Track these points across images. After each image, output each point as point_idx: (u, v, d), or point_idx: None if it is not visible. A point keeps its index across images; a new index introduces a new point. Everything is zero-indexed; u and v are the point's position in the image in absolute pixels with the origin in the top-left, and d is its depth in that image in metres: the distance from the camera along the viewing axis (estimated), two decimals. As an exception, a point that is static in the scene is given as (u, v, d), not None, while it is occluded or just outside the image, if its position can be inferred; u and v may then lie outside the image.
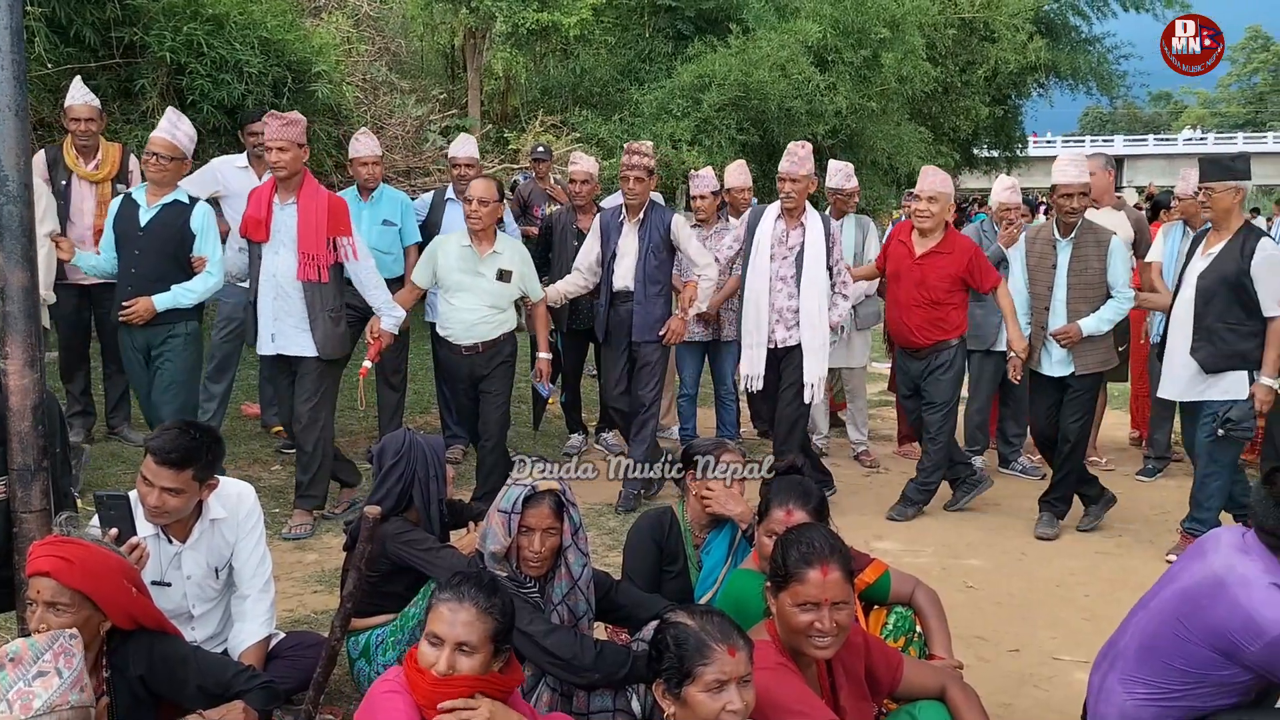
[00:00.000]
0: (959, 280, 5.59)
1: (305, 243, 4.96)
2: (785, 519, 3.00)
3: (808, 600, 2.42)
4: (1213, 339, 4.89)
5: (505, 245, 5.43)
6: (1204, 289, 4.91)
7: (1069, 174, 5.35)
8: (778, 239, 5.63)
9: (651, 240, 5.65)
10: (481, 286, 5.35)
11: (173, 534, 3.19)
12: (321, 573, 4.65)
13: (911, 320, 5.64)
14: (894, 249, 5.78)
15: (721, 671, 2.19)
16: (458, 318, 5.37)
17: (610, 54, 15.02)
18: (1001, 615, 4.46)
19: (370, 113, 10.89)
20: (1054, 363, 5.41)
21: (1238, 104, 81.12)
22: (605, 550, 4.95)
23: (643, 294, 5.67)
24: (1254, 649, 2.59)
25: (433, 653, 2.34)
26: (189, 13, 8.09)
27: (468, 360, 5.41)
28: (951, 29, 19.21)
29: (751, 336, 5.67)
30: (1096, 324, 5.30)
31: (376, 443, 3.78)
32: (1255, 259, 4.79)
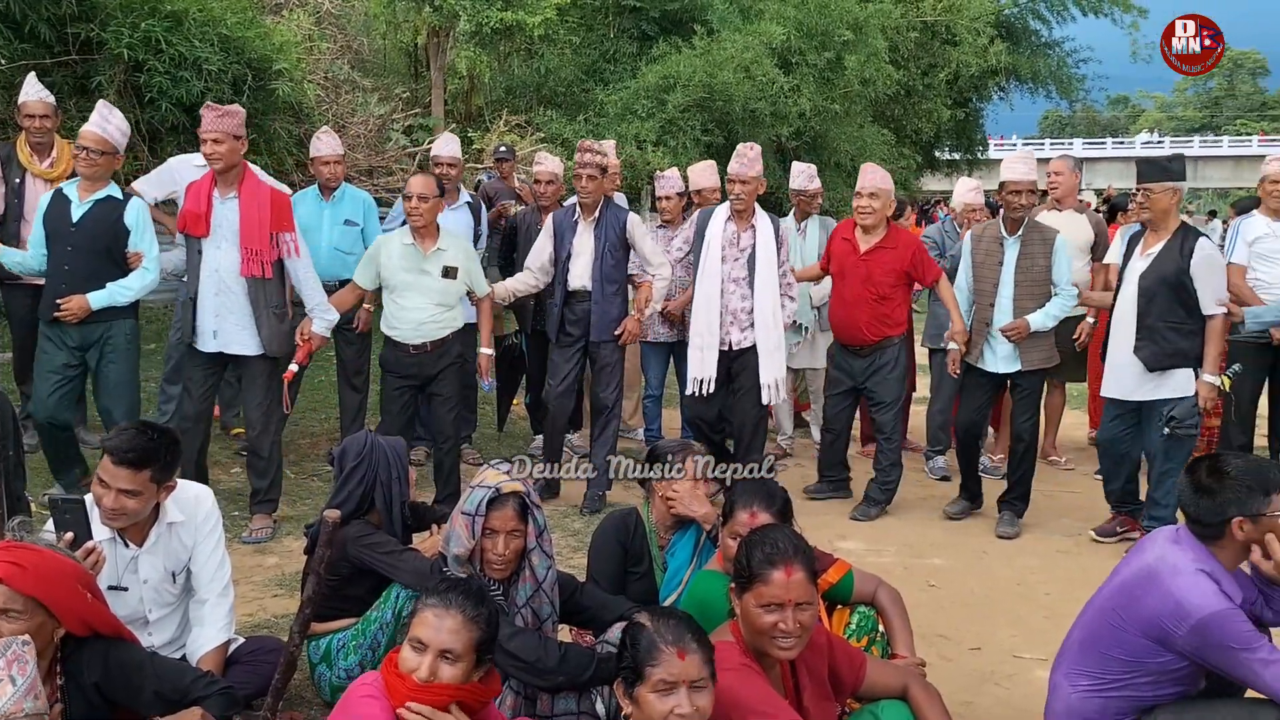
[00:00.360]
0: (903, 275, 5.66)
1: (248, 238, 4.85)
2: (749, 520, 3.00)
3: (771, 601, 2.43)
4: (1155, 338, 4.98)
5: (449, 241, 5.37)
6: (1145, 289, 5.00)
7: (1018, 171, 5.44)
8: (729, 241, 5.64)
9: (608, 239, 5.62)
10: (427, 284, 5.28)
11: (129, 538, 3.14)
12: (282, 576, 4.60)
13: (859, 316, 5.67)
14: (838, 247, 5.83)
15: (669, 673, 2.18)
16: (406, 317, 5.29)
17: (575, 54, 14.99)
18: (963, 614, 4.49)
19: (332, 111, 10.80)
20: (999, 359, 5.48)
21: (1194, 108, 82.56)
22: (570, 552, 4.94)
23: (600, 293, 5.63)
24: (1182, 634, 2.67)
25: (415, 658, 2.31)
26: (147, 9, 7.98)
27: (416, 360, 5.33)
28: (914, 32, 19.39)
29: (703, 338, 5.66)
30: (1043, 319, 5.38)
31: (338, 445, 3.74)
32: (1194, 259, 4.89)
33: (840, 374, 5.89)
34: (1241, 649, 2.61)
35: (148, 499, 3.05)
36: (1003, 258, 5.46)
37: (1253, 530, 2.72)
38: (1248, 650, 2.61)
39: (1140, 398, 5.10)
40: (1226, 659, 2.64)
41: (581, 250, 5.66)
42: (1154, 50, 24.15)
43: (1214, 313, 4.92)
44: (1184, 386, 4.97)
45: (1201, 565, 2.73)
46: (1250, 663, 2.60)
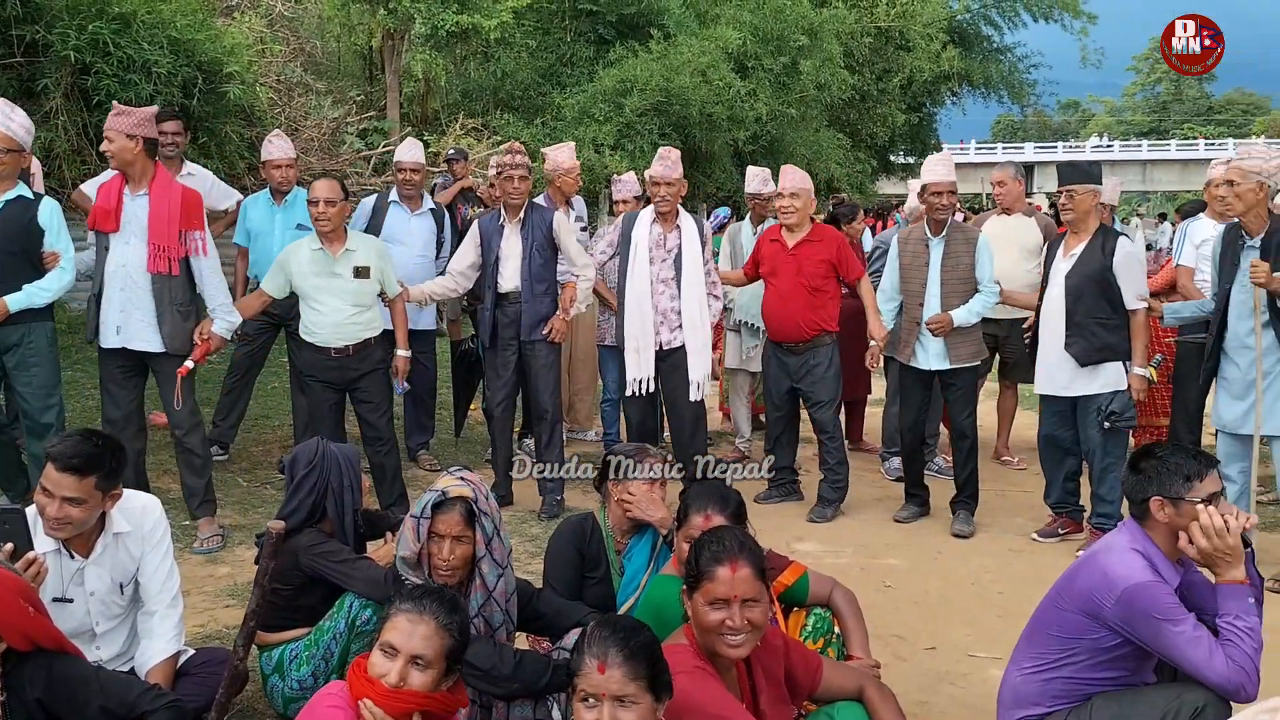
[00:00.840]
0: (832, 266, 5.77)
1: (156, 234, 4.80)
2: (704, 524, 3.00)
3: (717, 598, 2.44)
4: (1084, 334, 5.14)
5: (359, 242, 5.33)
6: (1072, 287, 5.16)
7: (938, 173, 5.57)
8: (655, 242, 5.75)
9: (535, 240, 5.63)
10: (340, 286, 5.23)
11: (75, 549, 3.08)
12: (233, 586, 4.54)
13: (795, 309, 5.74)
14: (767, 249, 5.91)
15: (590, 685, 2.15)
16: (323, 320, 5.24)
17: (531, 57, 14.97)
18: (918, 614, 4.53)
19: (285, 114, 10.71)
20: (930, 357, 5.59)
21: (1142, 112, 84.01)
22: (528, 558, 4.91)
23: (529, 293, 5.64)
24: (1110, 605, 2.73)
25: (385, 663, 2.29)
26: (94, 11, 7.86)
27: (338, 364, 5.27)
28: (868, 37, 19.59)
29: (637, 340, 5.75)
30: (966, 315, 5.50)
31: (289, 453, 3.69)
32: (1116, 257, 5.07)
33: (778, 372, 5.95)
34: (1164, 619, 2.67)
35: (93, 507, 2.99)
36: (928, 258, 5.58)
37: (1174, 513, 2.80)
38: (1170, 621, 2.67)
39: (1073, 393, 5.24)
40: (1151, 631, 2.69)
41: (510, 253, 5.66)
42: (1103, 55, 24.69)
43: (1137, 307, 5.12)
44: (1114, 380, 5.14)
45: (1136, 545, 2.83)
46: (1174, 635, 2.66)
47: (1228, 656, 2.61)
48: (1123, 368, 5.14)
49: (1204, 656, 2.63)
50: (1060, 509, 5.52)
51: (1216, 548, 2.70)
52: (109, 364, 4.97)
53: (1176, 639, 2.66)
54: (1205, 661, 2.62)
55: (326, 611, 3.30)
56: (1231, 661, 2.61)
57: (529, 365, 5.73)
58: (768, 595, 2.53)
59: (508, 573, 3.05)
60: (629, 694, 2.14)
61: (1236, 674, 2.60)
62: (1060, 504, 5.51)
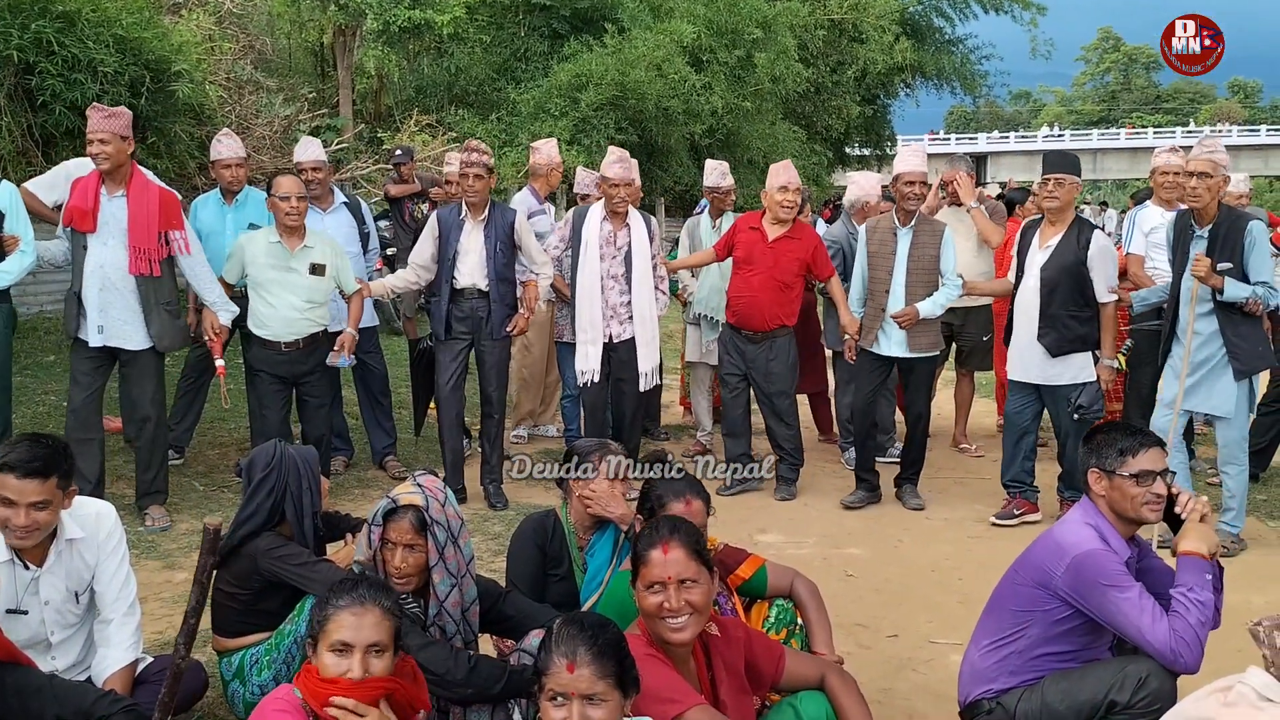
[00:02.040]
0: (805, 265, 5.89)
1: (136, 236, 4.88)
2: (686, 509, 3.04)
3: (654, 581, 2.45)
4: (1057, 325, 5.25)
5: (316, 239, 5.40)
6: (1047, 279, 5.27)
7: (910, 164, 5.69)
8: (606, 239, 5.89)
9: (498, 238, 5.69)
10: (294, 281, 5.30)
11: (28, 558, 3.02)
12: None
13: (763, 301, 5.84)
14: (745, 236, 5.96)
15: (558, 685, 2.14)
16: (274, 314, 5.31)
17: (485, 53, 14.90)
18: (880, 602, 4.57)
19: (235, 113, 10.57)
20: (891, 344, 5.71)
21: (1092, 102, 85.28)
22: (491, 556, 4.89)
23: (497, 292, 5.71)
24: (1060, 573, 2.80)
25: (342, 661, 2.28)
26: (37, 10, 7.71)
27: (287, 358, 5.35)
28: (821, 30, 19.70)
29: (587, 334, 5.91)
30: (931, 307, 5.62)
31: (246, 455, 3.64)
32: (1091, 249, 5.19)
33: (733, 359, 6.03)
34: (1110, 585, 2.73)
35: (56, 508, 2.95)
36: (896, 248, 5.67)
37: (1108, 486, 2.87)
38: (1117, 589, 2.72)
39: (1042, 381, 5.36)
40: (1098, 598, 2.74)
41: (469, 249, 5.70)
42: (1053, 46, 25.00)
43: (1108, 300, 5.23)
44: (1082, 369, 5.25)
45: (1089, 519, 2.90)
46: (1119, 601, 2.71)
47: (1171, 626, 2.66)
48: (1091, 358, 5.24)
49: (1148, 623, 2.67)
50: (1014, 488, 5.61)
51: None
52: (82, 356, 5.05)
53: (1121, 605, 2.71)
54: (1149, 627, 2.67)
55: (287, 615, 3.27)
56: (1174, 631, 2.65)
57: (483, 361, 5.79)
58: (709, 577, 2.53)
59: (464, 582, 3.00)
60: (598, 692, 2.14)
61: (1176, 643, 2.64)
62: (1015, 482, 5.61)
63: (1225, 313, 4.91)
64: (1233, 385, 4.95)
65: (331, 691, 2.26)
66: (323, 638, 2.32)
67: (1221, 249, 4.87)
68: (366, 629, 2.30)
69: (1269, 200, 36.67)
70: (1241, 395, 4.99)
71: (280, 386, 5.41)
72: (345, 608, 2.32)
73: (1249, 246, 4.86)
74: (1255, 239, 4.86)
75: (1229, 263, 4.85)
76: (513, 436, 7.15)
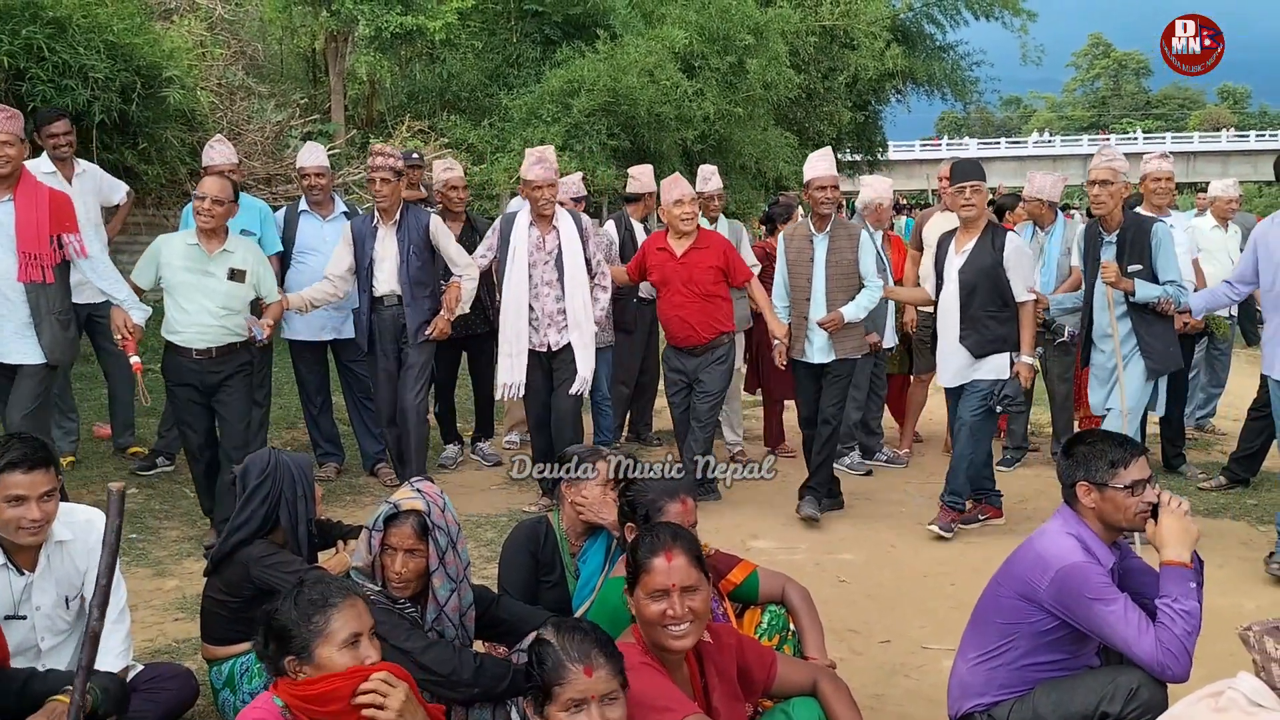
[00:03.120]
0: (721, 272, 5.82)
1: (25, 242, 4.60)
2: (682, 510, 3.05)
3: (656, 589, 2.44)
4: (978, 327, 5.33)
5: (237, 244, 5.15)
6: (966, 282, 5.34)
7: (819, 168, 5.69)
8: (534, 244, 5.69)
9: (412, 242, 5.58)
10: (211, 286, 5.02)
11: (21, 563, 3.02)
12: (182, 599, 4.46)
13: (691, 317, 5.78)
14: (655, 259, 5.90)
15: (577, 691, 2.16)
16: (188, 320, 5.00)
17: (478, 58, 14.91)
18: (872, 607, 4.57)
19: (227, 118, 10.56)
20: (816, 350, 5.70)
21: (1082, 108, 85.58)
22: (483, 562, 4.88)
23: (410, 297, 5.61)
24: (1044, 586, 2.79)
25: (356, 652, 2.35)
26: (28, 15, 7.69)
27: (199, 366, 5.02)
28: (813, 36, 19.74)
29: (511, 345, 5.70)
30: (855, 311, 5.62)
31: (239, 463, 3.63)
32: (1006, 251, 5.28)
33: (676, 375, 5.97)
34: (1096, 599, 2.72)
35: (57, 498, 3.01)
36: (813, 254, 5.67)
37: (1099, 498, 2.86)
38: (1102, 601, 2.72)
39: (961, 382, 5.44)
40: (1084, 611, 2.74)
41: (385, 256, 5.62)
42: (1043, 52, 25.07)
43: (1025, 299, 5.32)
44: (997, 370, 5.32)
45: (1069, 529, 2.89)
46: (1105, 615, 2.71)
47: (1157, 637, 2.66)
48: (1009, 359, 5.31)
49: (1134, 635, 2.68)
50: (977, 495, 5.68)
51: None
52: None
53: (1107, 618, 2.71)
54: (1135, 640, 2.67)
55: (278, 623, 3.25)
56: (1160, 643, 2.65)
57: (400, 363, 5.69)
58: (708, 584, 2.53)
59: (462, 587, 3.02)
60: (612, 690, 2.19)
61: (1164, 654, 2.65)
62: (977, 490, 5.68)
63: (1139, 314, 5.12)
64: (1138, 383, 5.13)
65: (356, 682, 2.31)
66: (325, 642, 2.33)
67: (1130, 252, 5.09)
68: (365, 616, 2.40)
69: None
70: (1145, 394, 5.20)
71: (196, 398, 5.08)
72: (338, 605, 2.35)
73: (1155, 248, 5.09)
74: (1161, 240, 5.09)
75: (1139, 265, 5.06)
76: (505, 442, 7.16)
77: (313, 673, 2.33)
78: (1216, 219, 7.60)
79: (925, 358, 6.90)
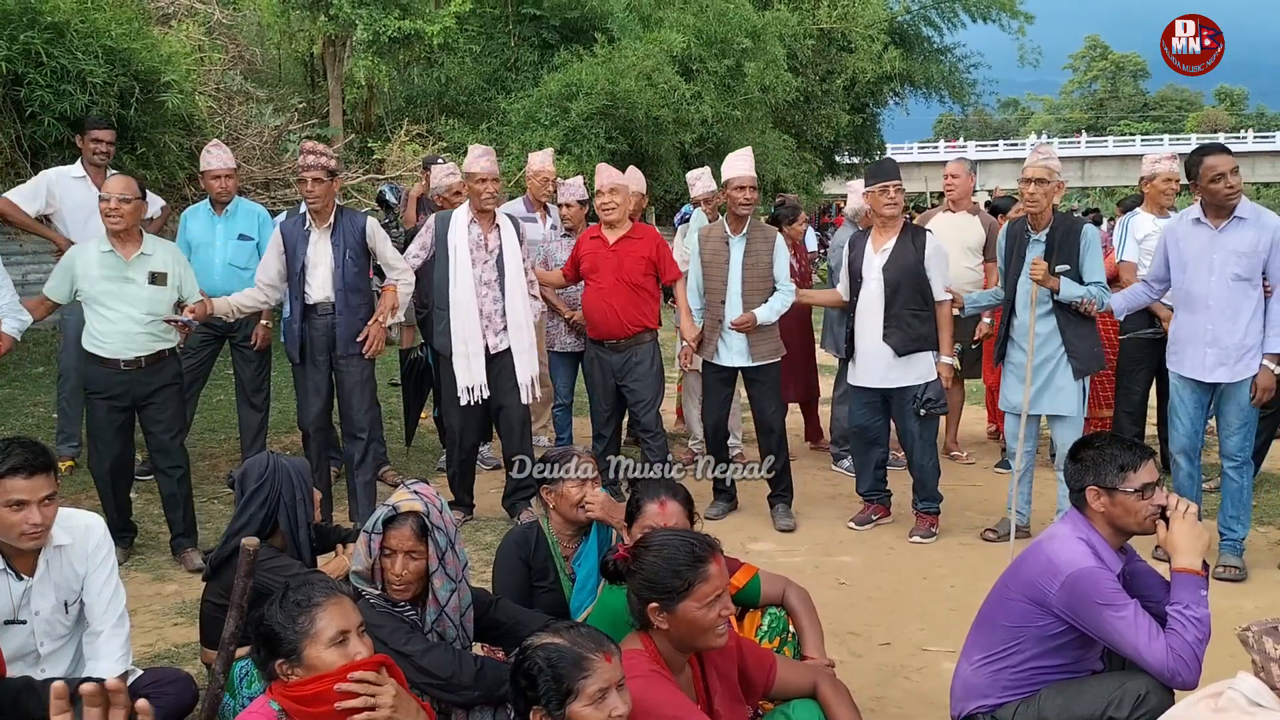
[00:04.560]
0: (651, 264, 5.72)
1: None
2: (660, 512, 3.05)
3: (714, 594, 2.46)
4: (901, 325, 5.35)
5: (155, 246, 4.91)
6: (890, 280, 5.36)
7: (738, 169, 5.67)
8: (475, 244, 5.50)
9: (348, 246, 5.26)
10: (132, 293, 4.79)
11: (20, 568, 3.02)
12: (182, 604, 4.46)
13: (616, 303, 5.66)
14: (587, 246, 5.81)
15: (603, 680, 2.17)
16: (112, 330, 4.78)
17: (476, 62, 14.92)
18: (872, 610, 4.57)
19: (225, 123, 10.56)
20: (732, 353, 5.69)
21: (1080, 110, 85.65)
22: (482, 566, 4.88)
23: (344, 304, 5.25)
24: (1054, 591, 2.79)
25: (345, 650, 2.34)
26: (25, 20, 7.69)
27: (126, 377, 4.82)
28: (810, 39, 19.76)
29: (467, 346, 5.50)
30: (768, 313, 5.63)
31: (238, 467, 3.64)
32: (927, 250, 5.33)
33: (601, 372, 5.87)
34: (1106, 605, 2.72)
35: (56, 501, 3.01)
36: (729, 256, 5.66)
37: (1108, 502, 2.86)
38: (1112, 607, 2.72)
39: (889, 385, 5.43)
40: (1094, 616, 2.74)
41: (318, 261, 5.27)
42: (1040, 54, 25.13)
43: (943, 299, 5.37)
44: (927, 372, 5.36)
45: (1079, 533, 2.88)
46: (1115, 621, 2.71)
47: (1168, 644, 2.66)
48: (933, 359, 5.35)
49: (1144, 642, 2.67)
50: (871, 496, 5.74)
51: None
52: None
53: (1117, 624, 2.71)
54: (1145, 646, 2.67)
55: (277, 627, 3.25)
56: (1171, 649, 2.65)
57: (341, 382, 5.37)
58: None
59: (461, 586, 3.02)
60: (624, 677, 2.23)
61: (1174, 661, 2.65)
62: (871, 491, 5.73)
63: (1063, 314, 5.13)
64: (1074, 384, 5.15)
65: (349, 672, 2.31)
66: (312, 642, 2.32)
67: (1059, 252, 5.09)
68: (353, 614, 2.38)
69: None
70: (1081, 395, 5.21)
71: (119, 412, 4.86)
72: (323, 603, 2.35)
73: (1084, 249, 5.10)
74: (1089, 241, 5.11)
75: (1067, 265, 5.08)
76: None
77: (304, 674, 2.32)
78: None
79: (967, 363, 6.89)
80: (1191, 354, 4.88)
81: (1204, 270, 4.81)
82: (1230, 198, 4.76)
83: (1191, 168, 4.87)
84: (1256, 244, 4.71)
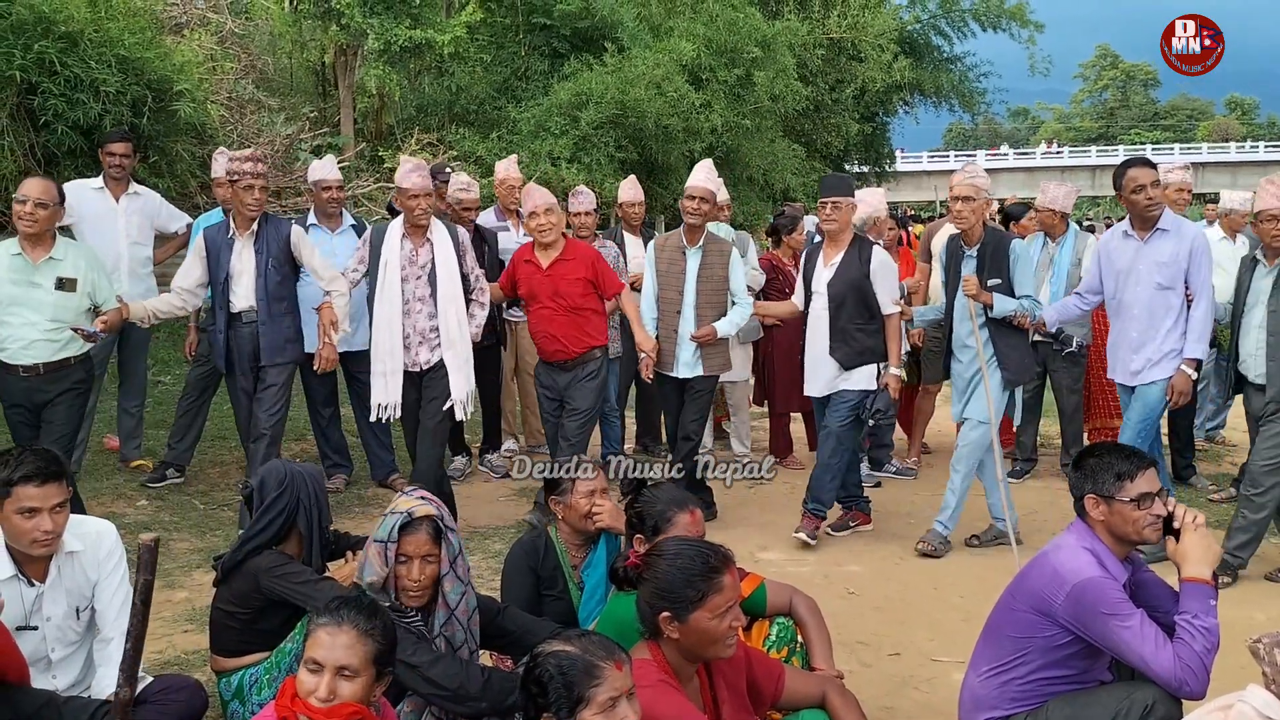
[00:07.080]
0: (590, 284, 5.54)
1: None
2: (691, 521, 3.09)
3: (725, 606, 2.47)
4: (847, 339, 5.40)
5: (66, 250, 4.84)
6: (835, 295, 5.41)
7: (695, 178, 5.72)
8: (407, 258, 5.38)
9: (270, 254, 5.22)
10: (38, 298, 4.74)
11: (31, 574, 3.04)
12: (191, 611, 4.47)
13: (559, 329, 5.51)
14: (522, 271, 5.61)
15: (614, 688, 2.17)
16: (13, 335, 4.74)
17: (486, 71, 14.96)
18: (881, 619, 4.56)
19: (237, 132, 10.60)
20: (681, 365, 5.71)
21: (1090, 119, 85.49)
22: (491, 574, 4.88)
23: (267, 313, 5.24)
24: (1060, 601, 2.79)
25: (312, 679, 2.28)
26: (39, 30, 7.73)
27: (25, 383, 4.78)
28: (820, 49, 19.77)
29: (385, 363, 5.39)
30: (728, 326, 5.69)
31: (254, 475, 3.65)
32: (872, 265, 5.36)
33: (545, 391, 5.73)
34: (1112, 615, 2.72)
35: (68, 509, 3.02)
36: (685, 267, 5.67)
37: (1107, 511, 2.86)
38: (1118, 617, 2.71)
39: (830, 391, 5.49)
40: (1100, 626, 2.74)
41: (242, 269, 5.24)
42: (1051, 63, 25.11)
43: (891, 312, 5.42)
44: (864, 381, 5.39)
45: (1084, 543, 2.88)
46: (1121, 631, 2.70)
47: (1176, 654, 2.65)
48: (876, 370, 5.38)
49: (1151, 651, 2.67)
50: (848, 503, 5.77)
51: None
52: None
53: (1124, 634, 2.70)
54: (1152, 656, 2.66)
55: (286, 635, 3.26)
56: (1179, 659, 2.64)
57: (260, 382, 5.34)
58: None
59: (469, 590, 3.03)
60: (634, 685, 2.23)
61: (1182, 670, 2.64)
62: (849, 498, 5.76)
63: (996, 326, 5.22)
64: (996, 392, 5.22)
65: (300, 709, 2.26)
66: (304, 651, 2.33)
67: (990, 267, 5.19)
68: (338, 650, 2.29)
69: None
70: (1003, 403, 5.29)
71: (27, 419, 4.83)
72: (323, 626, 2.33)
73: (1014, 263, 5.19)
74: (1018, 256, 5.21)
75: (998, 279, 5.16)
76: (504, 450, 7.10)
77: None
78: (1226, 232, 7.56)
79: (933, 368, 6.89)
80: (1121, 360, 5.14)
81: (1132, 280, 5.06)
82: (1150, 208, 4.96)
83: (1116, 179, 5.07)
84: (1177, 254, 4.94)
